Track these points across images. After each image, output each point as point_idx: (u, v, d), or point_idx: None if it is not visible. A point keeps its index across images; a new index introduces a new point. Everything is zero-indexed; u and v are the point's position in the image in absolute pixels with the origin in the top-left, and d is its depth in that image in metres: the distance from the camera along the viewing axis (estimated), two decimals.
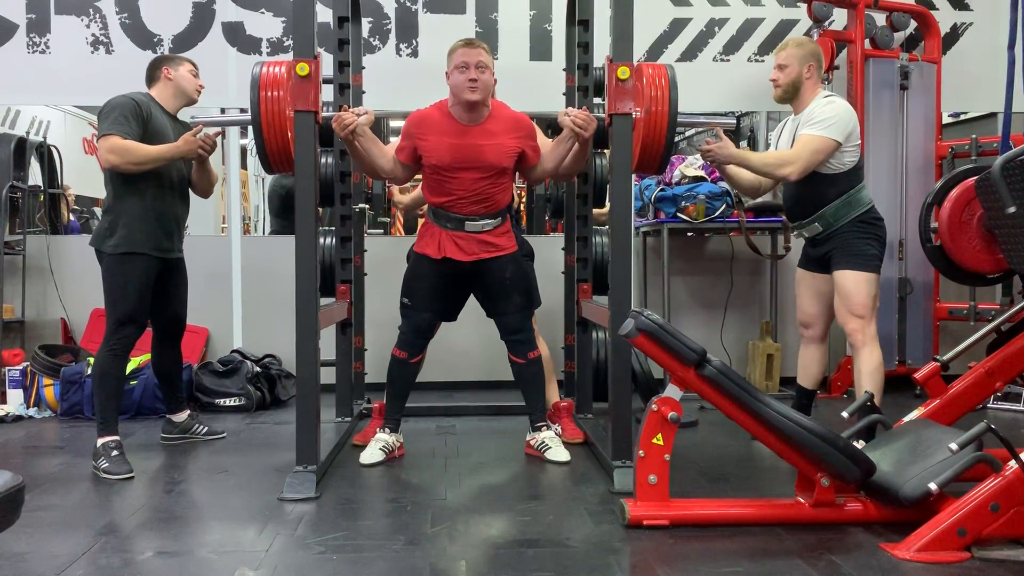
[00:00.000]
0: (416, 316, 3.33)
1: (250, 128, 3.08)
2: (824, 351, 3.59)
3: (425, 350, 3.41)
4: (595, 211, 3.92)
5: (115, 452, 3.15)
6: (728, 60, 5.03)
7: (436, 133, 3.21)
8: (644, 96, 3.01)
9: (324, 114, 3.24)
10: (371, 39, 4.82)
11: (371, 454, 3.27)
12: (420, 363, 3.40)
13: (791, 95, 3.41)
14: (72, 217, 7.69)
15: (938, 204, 3.53)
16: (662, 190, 4.72)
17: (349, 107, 3.88)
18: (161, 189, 3.35)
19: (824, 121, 3.25)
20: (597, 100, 3.85)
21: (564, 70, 4.11)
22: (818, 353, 3.57)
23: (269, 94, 2.94)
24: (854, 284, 3.28)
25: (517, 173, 3.43)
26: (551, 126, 5.55)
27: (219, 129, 3.56)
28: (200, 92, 3.54)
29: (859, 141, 3.35)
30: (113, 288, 3.28)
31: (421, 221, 3.50)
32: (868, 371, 3.25)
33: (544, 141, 3.53)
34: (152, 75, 3.47)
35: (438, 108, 3.28)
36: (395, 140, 3.47)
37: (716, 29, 5.01)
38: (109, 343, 3.26)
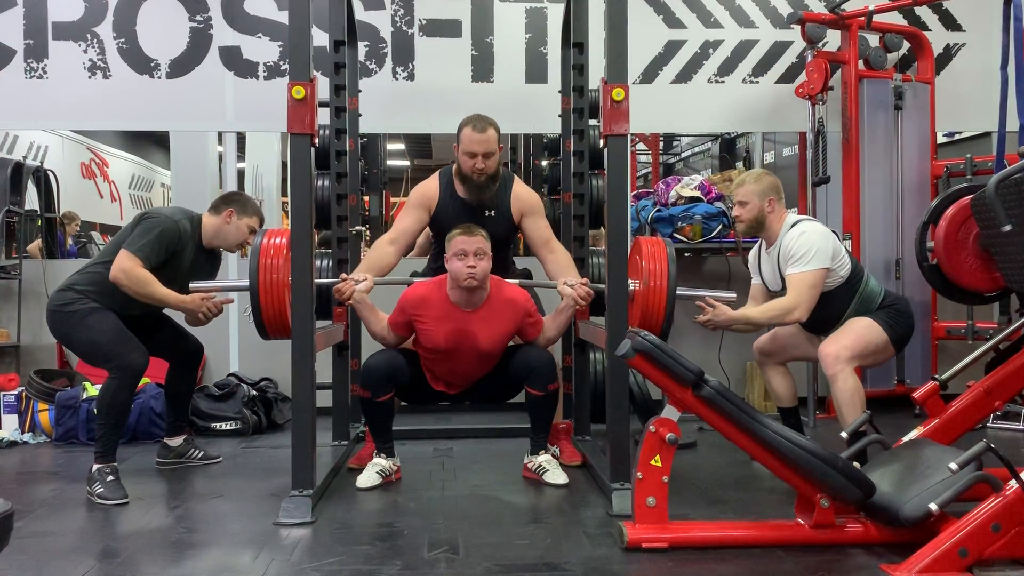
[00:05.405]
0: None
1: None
2: (787, 368, 3.62)
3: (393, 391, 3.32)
4: (592, 232, 3.93)
5: (110, 477, 3.13)
6: (723, 82, 5.05)
7: (434, 319, 3.24)
8: (643, 270, 3.04)
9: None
10: (367, 62, 4.84)
11: (368, 478, 3.25)
12: (391, 399, 3.31)
13: (756, 229, 3.45)
14: (71, 242, 7.71)
15: (934, 223, 3.54)
16: (658, 211, 4.72)
17: (346, 133, 3.91)
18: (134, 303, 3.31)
19: (805, 255, 3.25)
20: (592, 122, 3.86)
21: (560, 92, 4.13)
22: (781, 372, 3.61)
23: (268, 262, 2.95)
24: (864, 327, 3.27)
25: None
26: (547, 147, 5.58)
27: (229, 297, 3.57)
28: (235, 251, 3.60)
29: (844, 253, 3.36)
30: (93, 344, 3.24)
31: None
32: (846, 399, 3.20)
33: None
34: (217, 206, 3.49)
35: (437, 287, 3.29)
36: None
37: (711, 51, 5.04)
38: (118, 372, 3.21)
